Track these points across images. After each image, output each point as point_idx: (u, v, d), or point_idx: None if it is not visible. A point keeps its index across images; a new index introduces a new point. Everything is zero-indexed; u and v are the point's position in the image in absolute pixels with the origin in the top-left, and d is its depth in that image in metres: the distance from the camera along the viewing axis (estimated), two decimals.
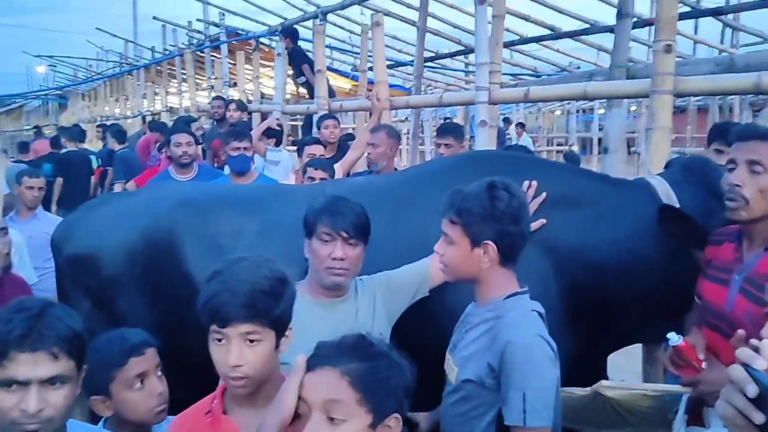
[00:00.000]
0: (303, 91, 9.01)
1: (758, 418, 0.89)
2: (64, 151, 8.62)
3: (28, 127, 21.08)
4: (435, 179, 2.66)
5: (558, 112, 21.64)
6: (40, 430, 1.37)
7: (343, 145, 5.58)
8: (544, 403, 1.66)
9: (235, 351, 1.46)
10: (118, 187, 6.89)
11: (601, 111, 14.65)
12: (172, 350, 1.99)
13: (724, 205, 2.07)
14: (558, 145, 18.40)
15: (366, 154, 4.43)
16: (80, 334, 1.45)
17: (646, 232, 2.38)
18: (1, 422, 1.36)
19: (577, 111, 17.75)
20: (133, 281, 2.60)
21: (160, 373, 1.87)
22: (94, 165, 8.32)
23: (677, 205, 2.37)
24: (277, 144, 6.33)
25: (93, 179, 8.22)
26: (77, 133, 9.32)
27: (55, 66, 24.36)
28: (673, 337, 2.00)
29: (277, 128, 5.60)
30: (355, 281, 2.17)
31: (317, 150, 4.47)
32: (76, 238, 2.70)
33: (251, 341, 1.48)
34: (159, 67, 14.24)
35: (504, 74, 7.35)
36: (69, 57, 22.52)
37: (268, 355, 1.51)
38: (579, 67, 10.87)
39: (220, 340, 1.48)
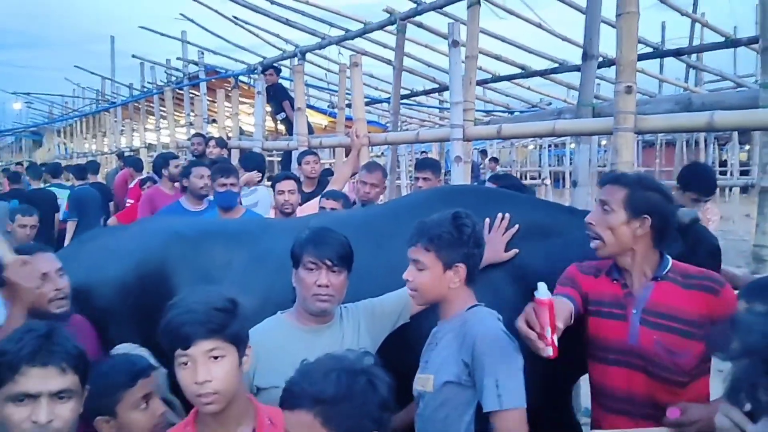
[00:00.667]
0: (281, 127, 9.19)
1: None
2: (29, 188, 8.62)
3: (0, 163, 20.92)
4: (414, 212, 2.75)
5: (531, 147, 22.15)
6: None
7: (322, 180, 5.72)
8: (515, 385, 1.86)
9: (202, 368, 1.57)
10: (70, 226, 6.91)
11: (572, 145, 15.07)
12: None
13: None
14: (531, 178, 18.80)
15: (360, 192, 4.46)
16: (84, 354, 1.58)
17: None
18: None
19: (549, 146, 18.22)
20: (125, 311, 2.68)
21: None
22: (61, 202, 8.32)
23: None
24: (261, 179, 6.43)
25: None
26: (40, 172, 9.30)
27: (31, 103, 24.31)
28: (542, 289, 1.85)
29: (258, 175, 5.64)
30: (340, 308, 2.30)
31: (287, 186, 4.45)
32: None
33: (215, 357, 1.60)
34: (137, 104, 14.33)
35: (477, 111, 7.61)
36: (45, 94, 22.53)
37: (233, 371, 1.63)
38: (550, 103, 11.24)
39: (186, 363, 1.59)
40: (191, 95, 11.65)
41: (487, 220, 2.61)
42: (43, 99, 22.74)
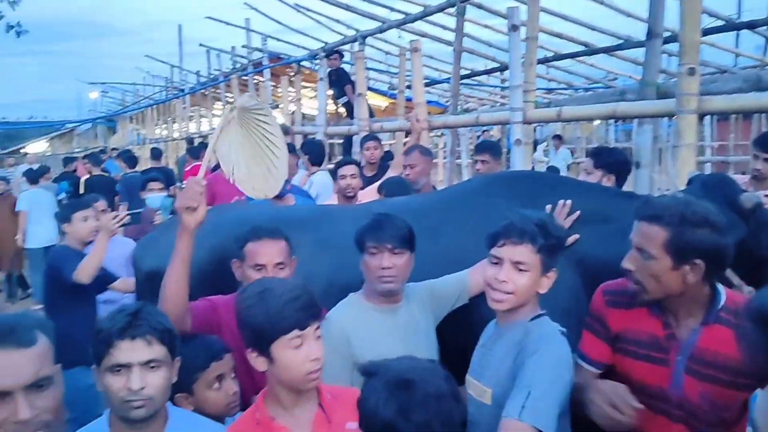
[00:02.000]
0: (342, 110, 9.33)
1: None
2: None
3: (78, 150, 21.95)
4: (471, 199, 2.90)
5: (597, 122, 21.54)
6: (144, 406, 1.65)
7: (383, 164, 5.81)
8: (547, 408, 1.70)
9: (315, 346, 1.73)
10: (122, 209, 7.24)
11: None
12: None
13: (741, 218, 2.22)
14: None
15: (405, 176, 4.57)
16: (170, 328, 1.75)
17: None
18: (115, 403, 1.66)
19: (616, 120, 17.69)
20: (203, 294, 2.87)
21: (233, 375, 2.14)
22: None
23: None
24: (313, 163, 6.56)
25: None
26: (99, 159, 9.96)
27: (106, 92, 25.35)
28: None
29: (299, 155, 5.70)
30: (405, 289, 2.41)
31: (349, 170, 4.55)
32: (153, 256, 2.97)
33: (318, 337, 1.76)
34: (204, 92, 14.78)
35: (539, 89, 7.52)
36: (119, 83, 23.47)
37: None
38: (615, 79, 10.96)
39: (299, 345, 1.70)
40: (256, 81, 11.94)
41: (548, 206, 2.64)
42: (117, 88, 23.71)
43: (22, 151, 21.40)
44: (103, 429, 1.72)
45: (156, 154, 10.31)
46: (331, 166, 6.04)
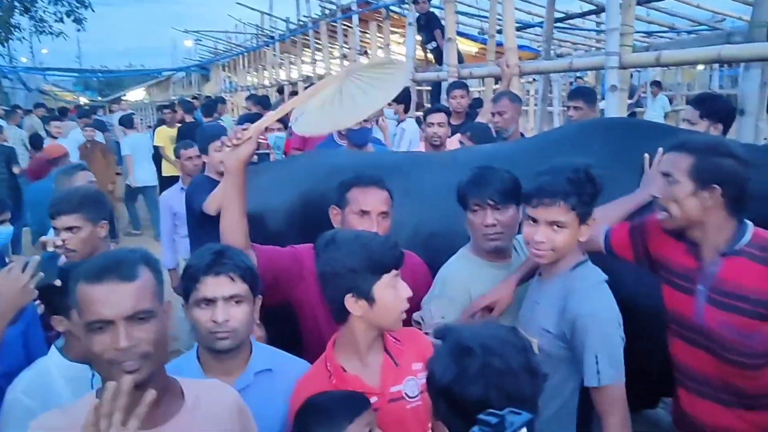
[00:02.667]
0: (431, 56, 9.21)
1: None
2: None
3: (174, 97, 22.80)
4: (562, 147, 2.84)
5: (700, 67, 20.24)
6: (228, 338, 1.75)
7: (471, 112, 5.75)
8: (614, 361, 1.89)
9: (404, 285, 1.80)
10: None
11: None
12: None
13: None
14: None
15: (493, 123, 4.56)
16: (251, 267, 1.85)
17: None
18: (202, 334, 1.78)
19: (721, 65, 16.55)
20: (290, 239, 2.99)
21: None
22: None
23: None
24: (405, 110, 6.53)
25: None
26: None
27: (200, 40, 26.03)
28: None
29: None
30: (515, 242, 2.39)
31: (437, 118, 4.52)
32: (249, 198, 3.11)
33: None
34: (294, 38, 14.91)
35: (637, 32, 7.10)
36: (211, 31, 24.00)
37: None
38: (723, 20, 10.22)
39: (395, 285, 1.78)
40: (344, 27, 11.93)
41: (647, 155, 2.54)
42: (210, 36, 24.25)
43: (123, 99, 22.44)
44: (192, 361, 1.85)
45: (258, 100, 10.26)
46: (420, 113, 6.03)
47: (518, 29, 9.14)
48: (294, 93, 9.45)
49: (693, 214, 1.96)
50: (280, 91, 13.89)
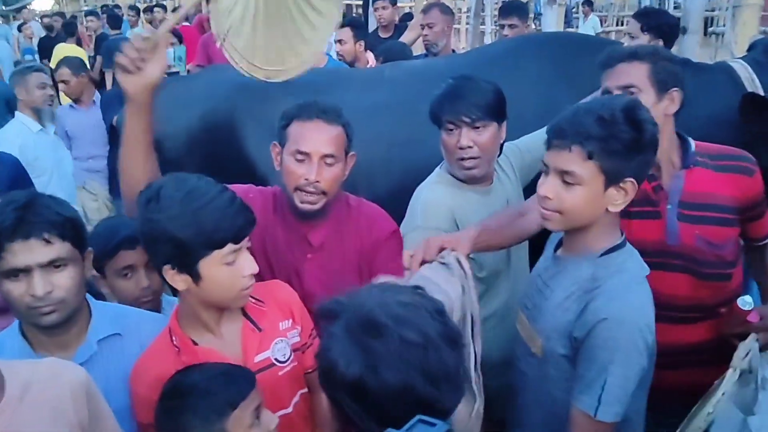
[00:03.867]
0: None
1: None
2: None
3: (86, 7, 21.03)
4: (500, 64, 2.57)
5: None
6: (56, 311, 1.41)
7: (400, 25, 5.40)
8: (620, 395, 1.43)
9: (249, 258, 1.46)
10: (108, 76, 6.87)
11: None
12: None
13: None
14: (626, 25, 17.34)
15: (422, 36, 4.29)
16: (72, 218, 1.46)
17: (724, 120, 2.25)
18: (21, 311, 1.42)
19: None
20: (193, 166, 2.63)
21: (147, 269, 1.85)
22: None
23: (761, 92, 2.22)
24: None
25: None
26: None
27: None
28: (746, 300, 1.75)
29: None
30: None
31: (341, 35, 4.34)
32: None
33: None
34: None
35: None
36: None
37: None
38: None
39: (233, 262, 1.41)
40: None
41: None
42: None
43: (27, 7, 20.48)
44: (14, 337, 1.49)
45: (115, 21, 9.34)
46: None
47: None
48: None
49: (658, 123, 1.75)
50: None
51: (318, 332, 1.57)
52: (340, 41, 4.39)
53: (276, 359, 1.53)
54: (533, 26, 6.35)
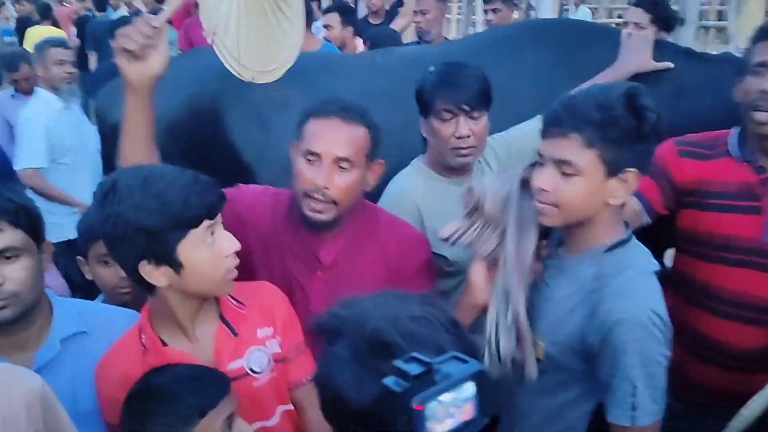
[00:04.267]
0: None
1: None
2: None
3: None
4: (499, 50, 2.50)
5: None
6: (7, 306, 1.31)
7: (391, 12, 5.34)
8: (655, 394, 1.34)
9: (227, 235, 1.32)
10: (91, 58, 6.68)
11: None
12: None
13: None
14: (618, 17, 17.30)
15: (415, 24, 4.24)
16: (26, 206, 1.36)
17: (730, 112, 2.17)
18: None
19: None
20: (177, 153, 2.53)
21: None
22: None
23: None
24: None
25: None
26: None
27: None
28: None
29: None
30: None
31: (329, 20, 4.31)
32: (113, 107, 2.55)
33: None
34: None
35: None
36: None
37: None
38: None
39: (212, 241, 1.30)
40: None
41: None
42: None
43: None
44: None
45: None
46: None
47: None
48: None
49: None
50: None
51: (310, 347, 1.47)
52: (327, 26, 4.31)
53: (251, 369, 1.40)
54: (517, 14, 6.24)
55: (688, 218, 1.83)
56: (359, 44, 4.31)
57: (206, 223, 1.28)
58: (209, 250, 1.29)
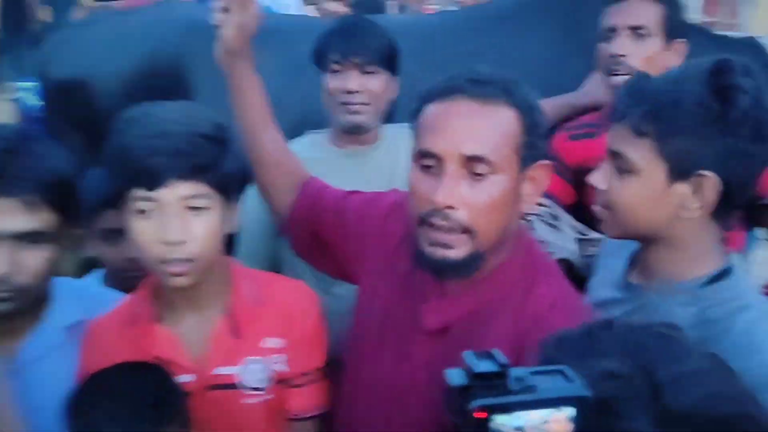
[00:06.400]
0: None
1: None
2: None
3: None
4: (502, 22, 2.34)
5: None
6: (11, 299, 1.10)
7: None
8: None
9: (175, 222, 1.07)
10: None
11: None
12: None
13: None
14: None
15: None
16: (68, 180, 1.15)
17: None
18: None
19: None
20: None
21: None
22: None
23: None
24: None
25: None
26: None
27: None
28: None
29: None
30: (389, 127, 1.81)
31: None
32: (67, 61, 2.39)
33: (195, 208, 1.09)
34: None
35: None
36: None
37: (216, 231, 1.12)
38: None
39: (143, 211, 1.08)
40: None
41: None
42: None
43: None
44: None
45: None
46: None
47: None
48: None
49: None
50: None
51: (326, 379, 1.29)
52: None
53: (242, 382, 1.19)
54: None
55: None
56: (341, 9, 4.05)
57: (142, 192, 1.07)
58: (141, 223, 1.09)
